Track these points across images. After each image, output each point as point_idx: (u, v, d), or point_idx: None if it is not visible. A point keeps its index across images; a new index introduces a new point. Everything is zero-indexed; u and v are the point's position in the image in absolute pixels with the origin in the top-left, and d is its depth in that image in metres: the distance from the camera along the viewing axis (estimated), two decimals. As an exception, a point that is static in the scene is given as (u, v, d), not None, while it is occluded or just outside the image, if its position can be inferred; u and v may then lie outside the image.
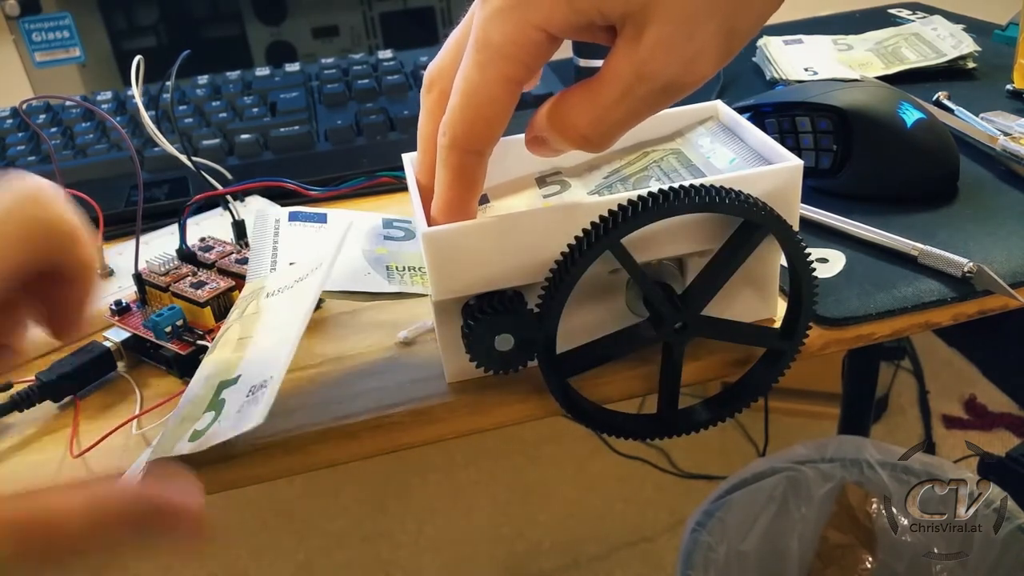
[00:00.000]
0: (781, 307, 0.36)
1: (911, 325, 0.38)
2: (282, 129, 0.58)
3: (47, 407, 0.37)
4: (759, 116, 0.49)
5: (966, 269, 0.38)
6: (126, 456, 0.33)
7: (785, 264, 0.33)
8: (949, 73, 0.63)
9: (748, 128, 0.36)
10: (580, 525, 1.26)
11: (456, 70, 0.29)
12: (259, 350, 0.31)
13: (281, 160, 0.56)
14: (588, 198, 0.34)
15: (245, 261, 0.40)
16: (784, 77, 0.64)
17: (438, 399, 0.35)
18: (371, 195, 0.53)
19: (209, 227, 0.48)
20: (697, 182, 0.30)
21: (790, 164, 0.33)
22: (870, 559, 0.80)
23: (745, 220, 0.32)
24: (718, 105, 0.38)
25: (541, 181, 0.37)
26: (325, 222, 0.38)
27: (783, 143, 0.35)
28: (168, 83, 0.51)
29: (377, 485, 1.35)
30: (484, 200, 0.36)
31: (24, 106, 0.63)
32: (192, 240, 0.44)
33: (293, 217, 0.38)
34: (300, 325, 0.31)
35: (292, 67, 0.68)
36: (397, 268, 0.32)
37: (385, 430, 0.34)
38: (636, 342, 0.34)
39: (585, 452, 1.36)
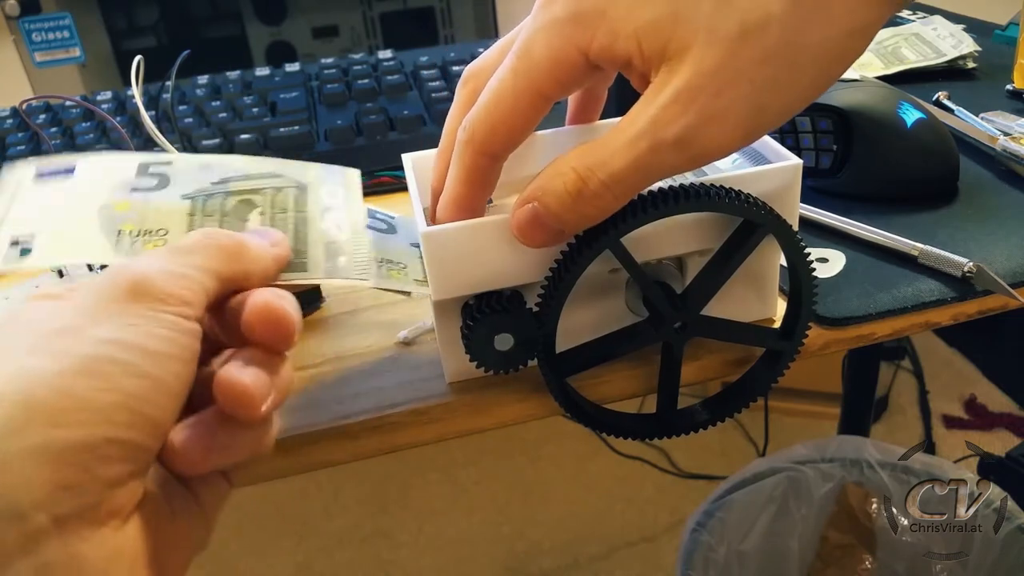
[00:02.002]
0: (781, 307, 0.36)
1: (911, 325, 0.38)
2: (282, 129, 0.58)
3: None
4: (759, 116, 0.49)
5: (966, 269, 0.38)
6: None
7: (785, 264, 0.33)
8: (949, 73, 0.63)
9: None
10: (580, 525, 1.26)
11: (494, 70, 0.30)
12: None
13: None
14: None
15: None
16: (784, 77, 0.64)
17: (438, 399, 0.35)
18: (371, 195, 0.53)
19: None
20: (697, 181, 0.30)
21: (790, 164, 0.33)
22: (870, 559, 0.80)
23: (745, 220, 0.32)
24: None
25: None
26: (72, 174, 0.31)
27: (783, 143, 0.35)
28: (168, 83, 0.51)
29: (377, 485, 1.35)
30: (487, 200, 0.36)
31: (24, 106, 0.63)
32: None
33: (41, 174, 0.31)
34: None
35: (292, 67, 0.68)
36: (378, 261, 0.32)
37: (385, 430, 0.34)
38: (636, 342, 0.34)
39: (585, 452, 1.36)
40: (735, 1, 0.25)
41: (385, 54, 0.69)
